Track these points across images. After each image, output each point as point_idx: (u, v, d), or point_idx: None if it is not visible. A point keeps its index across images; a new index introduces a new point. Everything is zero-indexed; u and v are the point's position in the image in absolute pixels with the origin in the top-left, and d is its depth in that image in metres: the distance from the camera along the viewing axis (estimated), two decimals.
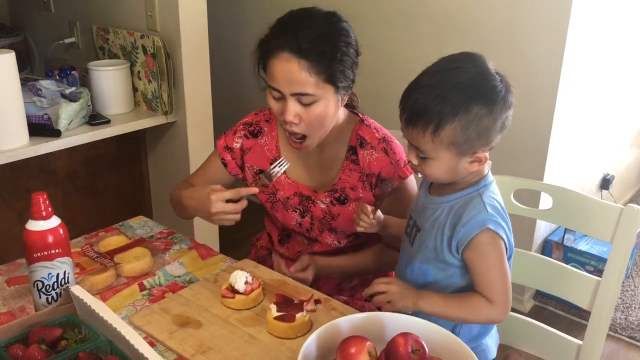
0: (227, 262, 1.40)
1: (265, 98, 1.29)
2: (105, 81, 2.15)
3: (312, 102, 1.21)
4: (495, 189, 1.14)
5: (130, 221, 1.59)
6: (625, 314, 2.52)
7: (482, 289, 1.09)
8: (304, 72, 1.18)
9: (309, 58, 1.17)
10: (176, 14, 2.07)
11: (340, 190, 1.37)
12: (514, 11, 2.24)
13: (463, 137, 1.03)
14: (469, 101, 1.02)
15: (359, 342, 0.94)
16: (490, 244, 1.08)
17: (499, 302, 1.08)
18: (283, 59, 1.19)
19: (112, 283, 1.30)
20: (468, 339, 1.15)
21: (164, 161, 2.38)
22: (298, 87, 1.19)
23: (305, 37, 1.17)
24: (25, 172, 2.07)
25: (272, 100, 1.25)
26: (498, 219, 1.08)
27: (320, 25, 1.21)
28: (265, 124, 1.43)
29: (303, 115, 1.22)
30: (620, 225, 1.23)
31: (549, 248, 2.64)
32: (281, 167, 1.28)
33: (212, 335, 1.12)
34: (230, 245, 2.49)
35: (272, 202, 1.43)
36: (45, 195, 1.08)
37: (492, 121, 1.04)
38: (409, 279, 1.18)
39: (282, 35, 1.20)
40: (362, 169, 1.36)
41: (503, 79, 1.06)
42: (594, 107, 2.63)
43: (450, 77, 1.04)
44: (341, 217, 1.38)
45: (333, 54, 1.19)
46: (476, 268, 1.09)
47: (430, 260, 1.14)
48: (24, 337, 1.00)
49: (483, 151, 1.07)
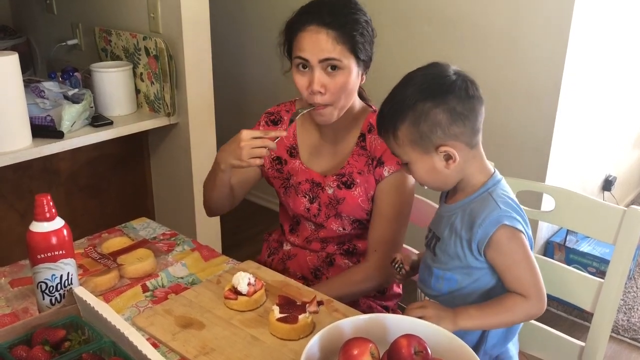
0: (229, 263, 1.41)
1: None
2: (108, 83, 2.16)
3: (337, 69, 1.30)
4: (505, 186, 1.14)
5: (133, 222, 1.59)
6: (627, 315, 2.52)
7: (513, 286, 1.09)
8: (331, 40, 1.28)
9: (336, 28, 1.29)
10: (179, 15, 2.07)
11: (348, 175, 1.42)
12: (515, 14, 2.24)
13: (418, 133, 1.07)
14: (412, 99, 1.07)
15: (362, 343, 0.94)
16: (510, 239, 1.08)
17: (533, 295, 1.07)
18: (312, 31, 1.30)
19: (115, 284, 1.30)
20: (494, 343, 1.16)
21: (166, 162, 2.38)
22: (326, 53, 1.29)
23: (331, 11, 1.30)
24: (28, 173, 2.08)
25: (298, 75, 1.34)
26: (512, 214, 1.08)
27: (342, 3, 1.34)
28: (285, 114, 1.51)
29: (328, 84, 1.31)
30: (623, 227, 1.23)
31: (551, 249, 2.63)
32: (303, 110, 1.37)
33: (215, 336, 1.12)
34: (233, 245, 2.50)
35: (285, 188, 1.50)
36: (49, 196, 1.08)
37: (439, 112, 1.06)
38: (435, 289, 1.18)
39: (309, 12, 1.32)
40: (369, 153, 1.41)
41: (458, 74, 1.09)
42: (595, 108, 2.63)
43: (403, 87, 1.11)
44: (346, 201, 1.42)
45: (356, 27, 1.31)
46: (502, 266, 1.09)
47: (454, 268, 1.14)
48: (27, 338, 1.00)
49: (447, 145, 1.07)
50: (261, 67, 3.14)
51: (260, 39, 3.11)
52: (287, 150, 1.49)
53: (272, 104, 1.55)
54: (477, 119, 1.09)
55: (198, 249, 1.46)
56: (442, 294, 1.17)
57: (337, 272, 1.48)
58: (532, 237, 1.13)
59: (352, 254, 1.50)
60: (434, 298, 1.19)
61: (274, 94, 3.02)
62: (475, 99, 1.09)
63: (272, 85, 3.07)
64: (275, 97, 3.13)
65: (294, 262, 1.52)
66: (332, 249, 1.50)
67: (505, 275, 1.10)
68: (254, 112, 1.51)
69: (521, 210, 1.12)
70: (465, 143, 1.09)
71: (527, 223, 1.12)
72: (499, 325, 1.12)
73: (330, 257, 1.50)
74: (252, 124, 1.52)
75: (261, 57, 3.13)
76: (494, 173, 1.15)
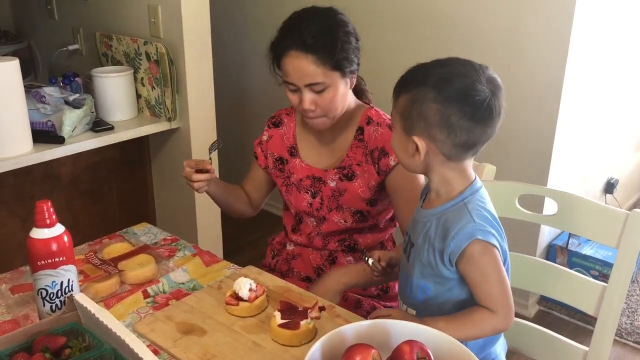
0: (230, 268, 1.40)
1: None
2: (109, 88, 2.16)
3: (323, 89, 1.35)
4: (483, 196, 1.11)
5: (134, 228, 1.59)
6: (630, 318, 2.50)
7: (483, 300, 1.08)
8: (312, 65, 1.32)
9: (315, 52, 1.32)
10: (179, 20, 2.08)
11: (348, 168, 1.46)
12: (516, 16, 2.24)
13: (407, 111, 1.06)
14: (426, 84, 1.04)
15: (364, 349, 0.94)
16: (482, 254, 1.06)
17: (501, 310, 1.06)
18: (293, 57, 1.34)
19: (116, 290, 1.30)
20: (476, 349, 1.15)
21: (167, 167, 2.38)
22: (309, 79, 1.34)
23: (308, 34, 1.32)
24: (29, 178, 2.08)
25: (289, 93, 1.40)
26: (487, 227, 1.06)
27: (320, 21, 1.36)
28: (285, 116, 1.57)
29: (318, 102, 1.36)
30: (626, 230, 1.22)
31: (554, 252, 2.63)
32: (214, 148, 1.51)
33: (217, 342, 1.12)
34: (234, 250, 2.49)
35: (287, 185, 1.54)
36: (50, 203, 1.08)
37: (433, 109, 1.03)
38: (409, 296, 1.17)
39: (288, 36, 1.36)
40: (367, 144, 1.44)
41: (492, 93, 1.04)
42: (597, 111, 2.62)
43: (436, 64, 1.08)
44: (347, 192, 1.46)
45: (335, 45, 1.33)
46: (473, 280, 1.08)
47: (428, 276, 1.13)
48: (28, 345, 1.00)
49: (421, 139, 1.05)
50: (262, 71, 3.12)
51: (260, 44, 3.09)
52: (287, 150, 1.53)
53: (272, 108, 1.59)
54: (468, 138, 1.04)
55: (199, 254, 1.46)
56: (418, 301, 1.15)
57: None
58: (507, 249, 1.12)
59: (354, 250, 1.52)
60: (412, 306, 1.18)
61: (274, 98, 3.02)
62: (484, 125, 1.05)
63: (272, 90, 3.06)
64: (275, 101, 3.13)
65: (298, 262, 1.55)
66: (334, 245, 1.52)
67: (475, 288, 1.08)
68: (254, 117, 1.52)
69: (497, 224, 1.09)
70: (440, 151, 1.06)
71: (502, 236, 1.10)
72: (466, 339, 1.09)
73: (333, 255, 1.52)
74: (252, 128, 1.54)
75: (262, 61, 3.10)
76: (474, 181, 1.12)
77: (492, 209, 1.12)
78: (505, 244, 1.11)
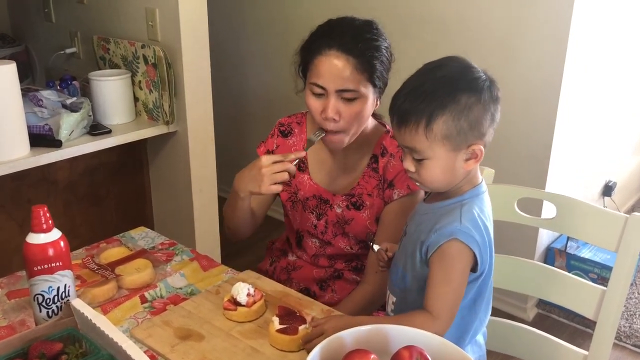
0: (228, 273, 1.40)
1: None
2: (107, 91, 2.15)
3: (354, 98, 1.26)
4: (484, 202, 1.11)
5: (132, 232, 1.58)
6: (629, 322, 2.50)
7: (432, 301, 1.05)
8: (350, 68, 1.23)
9: (358, 56, 1.23)
10: (177, 24, 2.07)
11: (357, 196, 1.40)
12: (514, 19, 2.24)
13: (456, 129, 1.02)
14: (455, 92, 1.02)
15: (363, 355, 0.93)
16: (456, 255, 1.05)
17: (444, 317, 1.05)
18: (332, 56, 1.24)
19: (113, 295, 1.29)
20: None
21: (165, 171, 2.38)
22: (344, 83, 1.24)
23: (353, 37, 1.24)
24: (26, 182, 2.07)
25: (312, 98, 1.29)
26: (471, 232, 1.05)
27: (365, 28, 1.28)
28: (296, 126, 1.48)
29: (343, 112, 1.27)
30: (625, 234, 1.22)
31: (552, 256, 2.62)
32: (317, 137, 1.32)
33: (214, 348, 1.11)
34: (232, 253, 2.48)
35: (293, 202, 1.47)
36: (46, 207, 1.07)
37: (482, 110, 1.03)
38: (394, 283, 1.18)
39: (330, 36, 1.26)
40: (380, 176, 1.39)
41: (486, 73, 1.07)
42: (595, 113, 2.63)
43: (432, 74, 1.06)
44: (354, 222, 1.40)
45: (377, 54, 1.26)
46: (434, 277, 1.06)
47: (408, 267, 1.13)
48: (24, 351, 0.99)
49: (477, 145, 1.05)
50: (260, 75, 3.14)
51: (259, 47, 3.11)
52: (296, 163, 1.44)
53: (271, 112, 1.55)
54: (497, 118, 1.07)
55: (197, 258, 1.45)
56: (398, 290, 1.15)
57: (344, 285, 1.47)
58: (487, 261, 1.10)
59: (361, 271, 1.47)
60: (394, 293, 1.19)
61: (272, 102, 3.02)
62: (498, 101, 1.06)
63: (271, 93, 3.07)
64: (274, 105, 3.13)
65: (299, 274, 1.50)
66: (341, 265, 1.48)
67: (432, 287, 1.06)
68: (253, 120, 1.50)
69: (486, 233, 1.08)
70: (487, 144, 1.07)
71: (488, 246, 1.08)
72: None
73: (339, 272, 1.48)
74: (251, 132, 1.52)
75: (260, 65, 3.12)
76: (479, 185, 1.11)
77: (488, 217, 1.11)
78: (488, 256, 1.09)
